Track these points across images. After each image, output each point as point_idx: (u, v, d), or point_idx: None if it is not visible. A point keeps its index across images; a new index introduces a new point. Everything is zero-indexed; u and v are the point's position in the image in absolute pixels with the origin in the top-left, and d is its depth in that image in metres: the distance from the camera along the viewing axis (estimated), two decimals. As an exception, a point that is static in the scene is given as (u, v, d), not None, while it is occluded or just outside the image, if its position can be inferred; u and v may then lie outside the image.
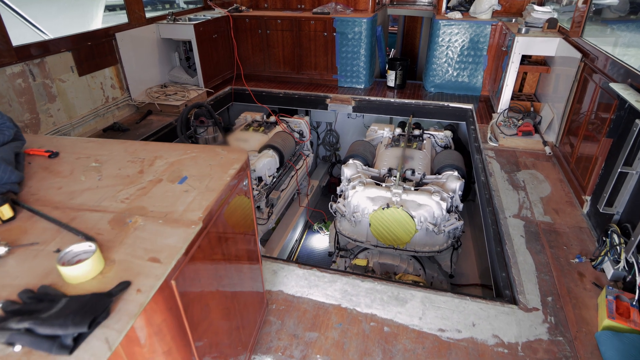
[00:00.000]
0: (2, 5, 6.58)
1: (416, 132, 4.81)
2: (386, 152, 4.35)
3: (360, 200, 3.59)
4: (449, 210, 3.57)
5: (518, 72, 4.35)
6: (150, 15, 5.19)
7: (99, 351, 0.84)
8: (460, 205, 3.76)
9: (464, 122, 5.27)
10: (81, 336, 0.83)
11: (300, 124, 5.51)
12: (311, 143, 6.04)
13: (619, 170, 2.39)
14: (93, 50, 4.33)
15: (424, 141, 4.68)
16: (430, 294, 2.32)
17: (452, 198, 3.67)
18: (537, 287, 2.34)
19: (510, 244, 2.68)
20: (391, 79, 5.72)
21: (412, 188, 3.53)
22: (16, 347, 0.82)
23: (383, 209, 3.45)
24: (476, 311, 2.21)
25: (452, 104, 5.26)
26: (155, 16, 5.30)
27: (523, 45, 4.18)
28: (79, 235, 1.14)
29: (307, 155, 5.77)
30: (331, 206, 3.92)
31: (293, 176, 5.29)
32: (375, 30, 5.74)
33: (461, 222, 3.56)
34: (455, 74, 5.50)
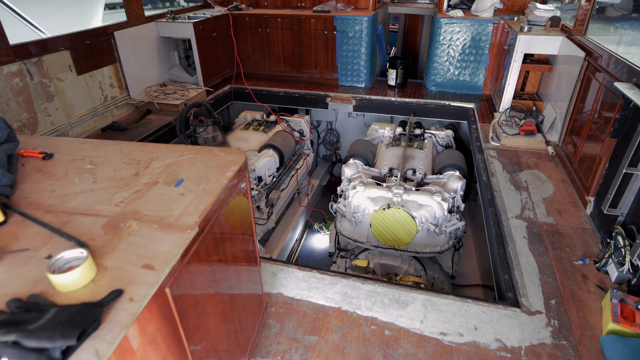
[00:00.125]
0: (0, 5, 6.54)
1: (417, 132, 4.77)
2: (387, 152, 4.31)
3: (361, 200, 3.55)
4: (450, 211, 3.53)
5: (520, 71, 4.31)
6: (150, 13, 5.15)
7: (89, 364, 0.81)
8: (462, 206, 3.72)
9: (466, 122, 5.23)
10: (70, 349, 0.80)
11: (300, 123, 5.48)
12: (311, 142, 6.01)
13: (623, 171, 2.36)
14: (91, 49, 4.29)
15: (425, 140, 4.64)
16: (431, 297, 2.29)
17: (454, 198, 3.63)
18: (540, 290, 2.30)
19: (513, 245, 2.65)
20: (392, 77, 5.68)
21: (413, 188, 3.49)
22: (2, 361, 0.79)
23: (384, 209, 3.41)
24: (478, 314, 2.17)
25: (454, 103, 5.22)
26: (154, 14, 5.26)
27: (525, 43, 4.14)
28: (71, 240, 1.11)
29: (308, 155, 5.73)
30: (331, 206, 3.89)
31: (293, 176, 5.26)
32: (376, 29, 5.70)
33: (462, 223, 3.52)
34: (456, 73, 5.46)
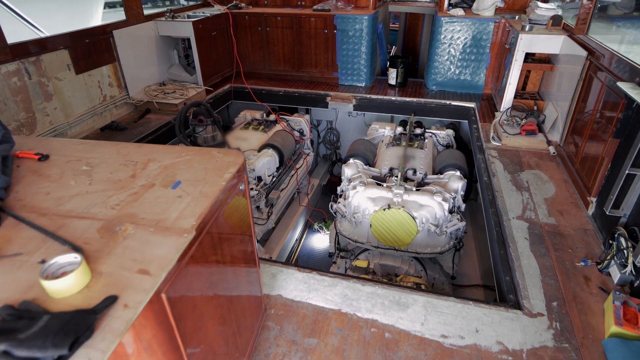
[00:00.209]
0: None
1: (418, 131, 4.75)
2: (387, 151, 4.29)
3: (361, 200, 3.53)
4: (451, 211, 3.51)
5: (521, 70, 4.28)
6: (149, 12, 5.12)
7: (82, 373, 0.79)
8: (463, 206, 3.70)
9: (466, 121, 5.21)
10: (62, 358, 0.78)
11: (300, 122, 5.45)
12: (311, 141, 5.98)
13: (626, 172, 2.33)
14: (90, 48, 4.26)
15: (426, 140, 4.62)
16: (432, 299, 2.27)
17: (455, 198, 3.61)
18: (542, 292, 2.28)
19: (514, 246, 2.63)
20: (392, 76, 5.65)
21: (414, 188, 3.47)
22: (-8, 370, 0.77)
23: (384, 209, 3.39)
24: (479, 316, 2.15)
25: (454, 103, 5.19)
26: (153, 13, 5.23)
27: (526, 42, 4.11)
28: (65, 245, 1.09)
29: (308, 154, 5.71)
30: (331, 206, 3.87)
31: (293, 175, 5.23)
32: (376, 28, 5.67)
33: (463, 223, 3.50)
34: (457, 72, 5.43)
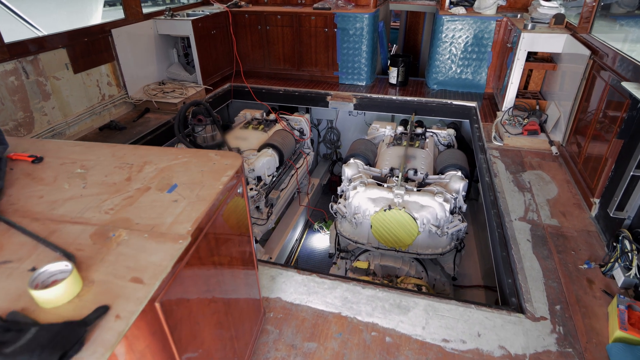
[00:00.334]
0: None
1: (418, 131, 4.71)
2: (388, 151, 4.25)
3: (362, 201, 3.50)
4: (452, 212, 3.48)
5: (523, 69, 4.24)
6: (148, 10, 5.08)
7: (71, 388, 0.76)
8: (464, 206, 3.67)
9: (468, 120, 5.17)
10: (49, 373, 0.75)
11: (300, 121, 5.42)
12: (312, 141, 5.95)
13: (631, 173, 2.30)
14: (88, 47, 4.23)
15: (427, 140, 4.58)
16: (433, 302, 2.24)
17: (456, 199, 3.57)
18: (545, 295, 2.25)
19: (516, 248, 2.59)
20: (393, 75, 5.61)
21: (415, 189, 3.44)
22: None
23: (385, 210, 3.36)
24: (481, 320, 2.12)
25: (456, 102, 5.15)
26: (152, 12, 5.19)
27: (529, 41, 4.07)
28: (57, 251, 1.06)
29: (308, 154, 5.68)
30: (332, 207, 3.83)
31: (293, 175, 5.20)
32: (377, 26, 5.62)
33: (465, 224, 3.47)
34: (458, 71, 5.39)
